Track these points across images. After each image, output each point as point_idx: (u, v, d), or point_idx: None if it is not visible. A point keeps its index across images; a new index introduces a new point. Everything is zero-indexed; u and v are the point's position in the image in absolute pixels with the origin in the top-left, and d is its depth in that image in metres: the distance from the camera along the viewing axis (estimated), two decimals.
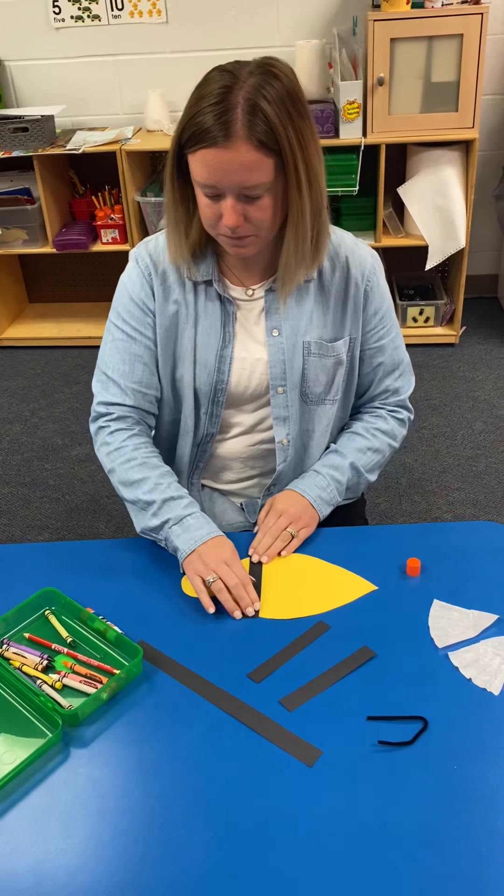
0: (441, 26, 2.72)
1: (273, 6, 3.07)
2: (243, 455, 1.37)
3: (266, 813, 0.87)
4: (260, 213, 1.10)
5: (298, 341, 1.25)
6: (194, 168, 1.08)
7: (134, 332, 1.26)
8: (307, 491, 1.28)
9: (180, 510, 1.19)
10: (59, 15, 3.14)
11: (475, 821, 0.85)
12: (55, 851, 0.85)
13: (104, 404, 1.28)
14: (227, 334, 1.25)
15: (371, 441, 1.34)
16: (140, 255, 1.27)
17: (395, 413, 1.38)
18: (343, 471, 1.31)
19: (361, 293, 1.26)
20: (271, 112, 1.03)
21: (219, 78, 1.04)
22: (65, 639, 1.10)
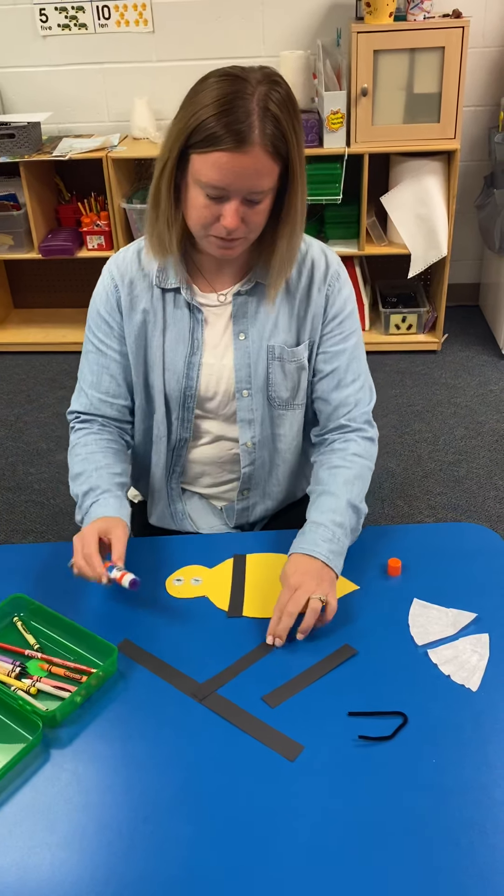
0: (423, 39, 2.76)
1: (258, 17, 3.11)
2: (219, 459, 1.38)
3: (248, 807, 0.89)
4: (257, 216, 1.13)
5: (263, 345, 1.27)
6: (201, 169, 1.08)
7: (101, 345, 1.30)
8: (315, 549, 1.15)
9: (90, 500, 1.22)
10: (46, 23, 3.16)
11: (453, 812, 0.87)
12: (40, 846, 0.86)
13: (73, 412, 1.36)
14: (195, 341, 1.27)
15: (352, 469, 1.27)
16: (109, 268, 1.29)
17: (362, 433, 1.31)
18: (342, 513, 1.21)
19: (323, 297, 1.27)
20: (282, 119, 1.07)
21: (228, 83, 1.06)
22: (31, 645, 1.10)
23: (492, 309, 3.42)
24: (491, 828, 0.86)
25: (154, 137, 3.17)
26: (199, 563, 1.24)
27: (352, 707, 0.99)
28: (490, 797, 0.88)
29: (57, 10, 3.13)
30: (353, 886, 0.81)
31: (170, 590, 1.19)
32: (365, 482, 1.28)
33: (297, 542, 1.18)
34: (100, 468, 1.26)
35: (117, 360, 1.30)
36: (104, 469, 1.27)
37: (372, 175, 3.03)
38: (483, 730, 0.96)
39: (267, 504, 1.43)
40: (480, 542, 1.27)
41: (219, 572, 1.22)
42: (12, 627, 1.14)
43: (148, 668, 1.06)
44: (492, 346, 3.34)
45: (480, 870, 0.82)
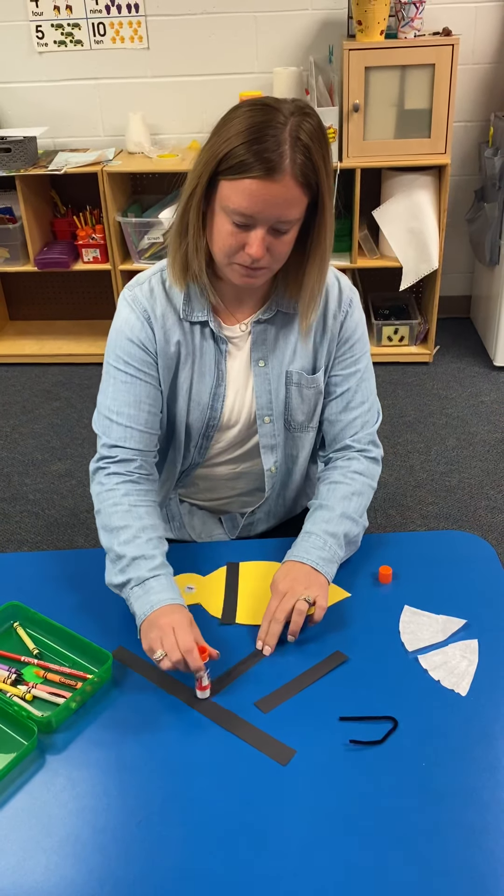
0: (414, 56, 2.81)
1: (252, 34, 3.15)
2: (228, 478, 1.39)
3: (241, 810, 0.90)
4: (282, 246, 1.13)
5: (283, 371, 1.28)
6: (232, 196, 1.07)
7: (138, 373, 1.23)
8: (305, 556, 1.17)
9: (145, 571, 1.12)
10: (42, 40, 3.20)
11: (443, 815, 0.89)
12: (35, 850, 0.87)
13: (108, 446, 1.23)
14: (220, 373, 1.26)
15: (352, 485, 1.27)
16: (135, 299, 1.23)
17: (366, 452, 1.32)
18: (335, 522, 1.21)
19: (338, 323, 1.28)
20: (313, 150, 1.07)
21: (260, 112, 1.06)
22: (31, 650, 1.12)
23: (483, 321, 3.46)
24: (480, 830, 0.87)
25: (149, 152, 3.21)
26: (192, 570, 1.26)
27: (343, 712, 1.01)
28: (479, 800, 0.90)
29: (53, 26, 3.17)
30: (346, 889, 0.82)
31: None
32: (364, 499, 1.28)
33: (289, 552, 1.21)
34: (146, 528, 1.17)
35: (156, 388, 1.24)
36: (152, 531, 1.17)
37: (364, 189, 3.06)
38: (472, 734, 0.98)
39: (270, 521, 1.46)
40: (470, 549, 1.29)
41: (212, 580, 1.24)
42: (7, 635, 1.16)
43: (142, 675, 1.08)
44: (483, 357, 3.37)
45: (470, 872, 0.83)
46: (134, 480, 1.22)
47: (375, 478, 1.32)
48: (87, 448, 2.86)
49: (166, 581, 1.12)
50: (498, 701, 1.02)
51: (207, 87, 3.23)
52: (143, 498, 1.21)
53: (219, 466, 1.37)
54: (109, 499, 1.20)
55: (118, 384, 1.23)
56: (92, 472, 1.25)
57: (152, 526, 1.18)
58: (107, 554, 1.18)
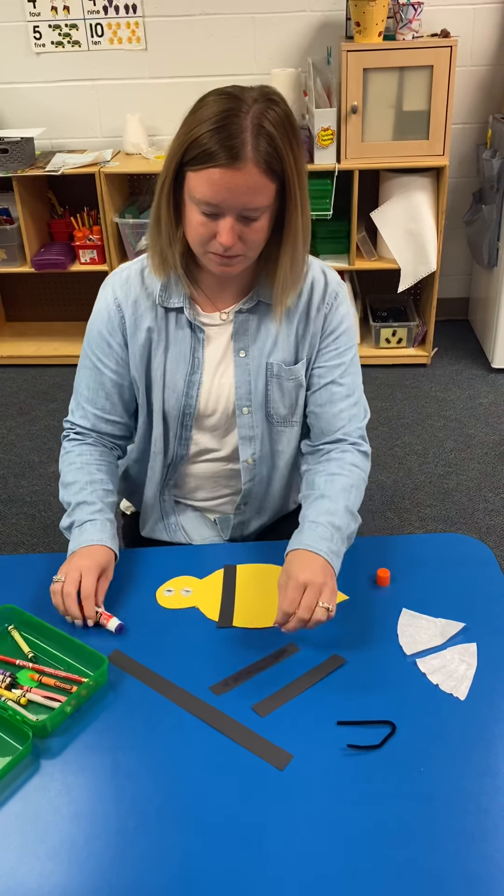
0: (412, 58, 2.81)
1: (250, 35, 3.15)
2: (216, 475, 1.39)
3: (238, 815, 0.89)
4: (254, 234, 1.13)
5: (263, 362, 1.28)
6: (196, 186, 1.09)
7: (98, 363, 1.30)
8: (316, 546, 1.15)
9: (85, 515, 1.24)
10: (39, 40, 3.19)
11: (440, 820, 0.88)
12: (29, 856, 0.86)
13: (69, 422, 1.37)
14: (195, 360, 1.27)
15: (350, 477, 1.26)
16: (111, 287, 1.28)
17: (359, 446, 1.31)
18: (339, 515, 1.21)
19: (322, 315, 1.28)
20: (276, 136, 1.07)
21: (224, 101, 1.08)
22: (26, 654, 1.11)
23: (481, 323, 3.46)
24: (478, 835, 0.86)
25: (146, 153, 3.20)
26: (189, 573, 1.25)
27: (341, 716, 1.00)
28: (477, 805, 0.89)
29: (51, 27, 3.16)
30: (343, 893, 0.81)
31: (160, 600, 1.20)
32: (360, 493, 1.28)
33: (297, 540, 1.17)
34: (93, 482, 1.28)
35: (113, 380, 1.30)
36: (98, 485, 1.28)
37: (362, 191, 3.06)
38: (471, 738, 0.97)
39: (262, 519, 1.44)
40: (469, 552, 1.28)
41: (209, 583, 1.23)
42: (2, 638, 1.15)
43: (138, 679, 1.07)
44: (481, 359, 3.37)
45: (468, 876, 0.82)
46: (89, 444, 1.34)
47: (367, 472, 1.32)
48: None
49: (100, 524, 1.23)
50: (497, 705, 1.01)
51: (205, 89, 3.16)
52: (97, 458, 1.33)
53: (206, 463, 1.37)
54: (66, 460, 1.33)
55: (84, 369, 1.33)
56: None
57: (100, 480, 1.30)
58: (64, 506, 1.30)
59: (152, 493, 1.40)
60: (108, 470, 1.33)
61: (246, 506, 1.40)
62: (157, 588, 1.22)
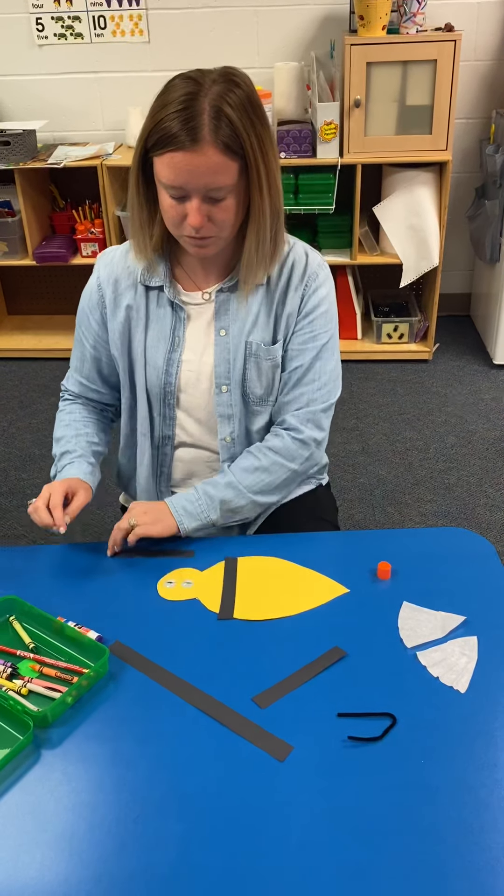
0: (416, 52, 2.80)
1: (253, 28, 3.14)
2: (207, 460, 1.40)
3: (238, 806, 0.89)
4: (223, 213, 1.16)
5: (242, 341, 1.30)
6: (161, 170, 1.13)
7: (82, 337, 1.40)
8: (173, 501, 1.28)
9: (66, 461, 1.34)
10: (42, 32, 3.18)
11: (441, 812, 0.88)
12: (30, 845, 0.87)
13: (63, 386, 1.48)
14: (176, 339, 1.30)
15: (260, 460, 1.30)
16: (97, 265, 1.35)
17: (294, 431, 1.31)
18: (218, 487, 1.29)
19: (299, 295, 1.29)
20: (235, 117, 1.09)
21: (183, 85, 1.10)
22: (27, 644, 1.11)
23: (482, 319, 3.45)
24: (477, 827, 0.86)
25: None
26: (190, 566, 1.25)
27: (341, 708, 1.00)
28: (476, 797, 0.89)
29: (53, 19, 3.15)
30: (343, 884, 0.82)
31: (161, 592, 1.20)
32: (270, 476, 1.31)
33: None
34: (79, 435, 1.39)
35: (92, 354, 1.40)
36: (83, 437, 1.39)
37: (364, 185, 3.05)
38: (471, 731, 0.97)
39: None
40: (469, 546, 1.28)
41: (210, 575, 1.23)
42: (3, 629, 1.15)
43: (139, 670, 1.07)
44: (482, 355, 3.37)
45: (467, 868, 0.83)
46: (79, 404, 1.45)
47: (298, 461, 1.33)
48: None
49: (76, 465, 1.33)
50: (497, 698, 1.01)
51: None
52: (85, 416, 1.43)
53: (192, 448, 1.39)
54: (58, 418, 1.44)
55: (75, 340, 1.42)
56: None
57: (85, 433, 1.40)
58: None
59: (145, 480, 1.41)
60: (94, 425, 1.43)
61: None
62: (158, 580, 1.22)
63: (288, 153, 2.97)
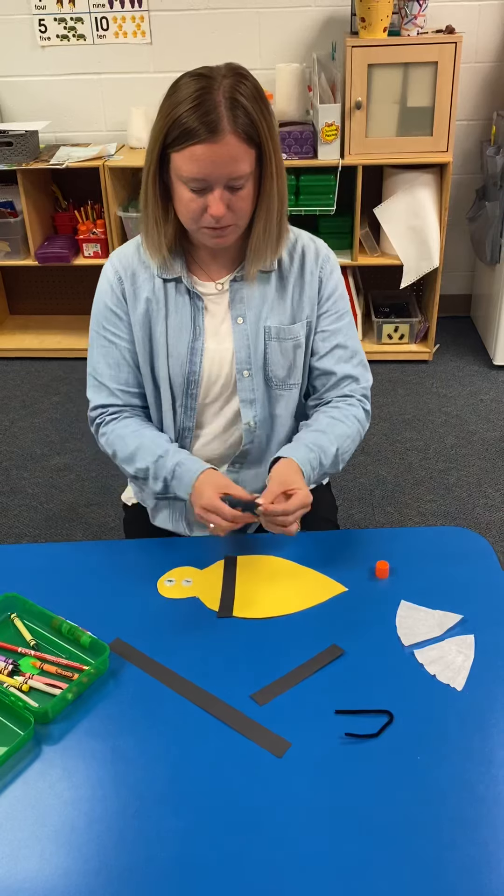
0: (417, 54, 2.81)
1: (255, 30, 3.15)
2: (223, 454, 1.41)
3: (236, 802, 0.90)
4: (241, 202, 1.19)
5: (261, 326, 1.32)
6: (182, 165, 1.15)
7: (114, 338, 1.34)
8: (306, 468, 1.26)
9: (169, 465, 1.27)
10: (45, 34, 3.19)
11: (437, 808, 0.89)
12: (30, 839, 0.88)
13: (97, 407, 1.37)
14: (196, 328, 1.32)
15: (350, 428, 1.34)
16: (111, 262, 1.35)
17: (363, 404, 1.39)
18: (329, 456, 1.30)
19: (316, 279, 1.34)
20: (249, 107, 1.14)
21: (194, 81, 1.14)
22: (28, 641, 1.12)
23: (483, 320, 3.46)
24: (473, 822, 0.87)
25: None
26: (190, 564, 1.26)
27: (339, 705, 1.01)
28: (473, 793, 0.90)
29: (56, 20, 3.16)
30: (341, 879, 0.83)
31: (161, 590, 1.21)
32: (354, 445, 1.36)
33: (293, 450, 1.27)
34: (156, 437, 1.32)
35: (130, 350, 1.34)
36: (160, 438, 1.33)
37: (365, 186, 3.06)
38: (467, 728, 0.98)
39: (256, 484, 1.44)
40: (467, 545, 1.29)
41: (210, 573, 1.24)
42: (4, 626, 1.16)
43: (139, 667, 1.08)
44: (483, 356, 3.38)
45: (464, 863, 0.84)
46: (128, 415, 1.37)
47: (365, 430, 1.40)
48: (87, 443, 2.86)
49: (188, 461, 1.27)
50: (493, 696, 1.02)
51: None
52: (143, 423, 1.36)
53: (214, 441, 1.39)
54: (115, 436, 1.34)
55: (99, 349, 1.35)
56: (94, 433, 1.39)
57: (158, 435, 1.33)
58: (139, 479, 1.35)
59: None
60: (155, 429, 1.36)
61: (241, 466, 1.42)
62: (158, 578, 1.23)
63: (289, 154, 2.98)
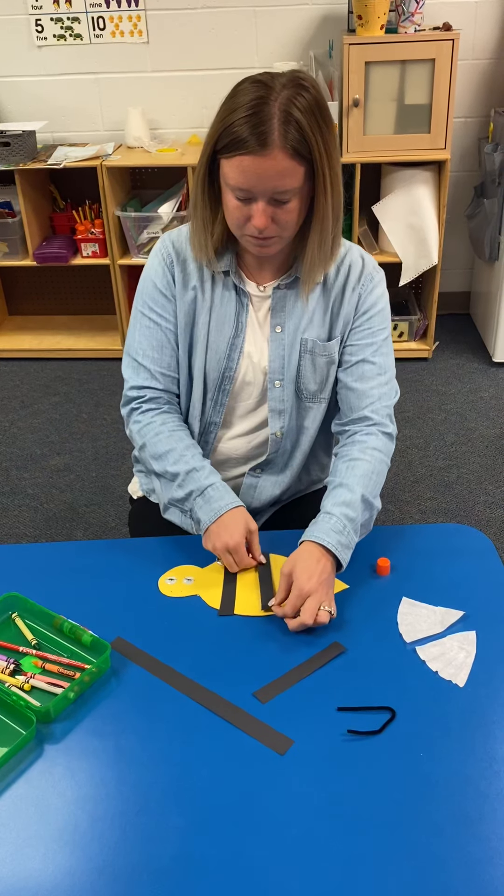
0: (414, 51, 2.81)
1: (252, 29, 3.15)
2: (245, 454, 1.41)
3: (239, 800, 0.90)
4: (287, 215, 1.18)
5: (297, 338, 1.32)
6: (229, 172, 1.14)
7: (160, 319, 1.32)
8: (326, 539, 1.17)
9: (202, 481, 1.26)
10: (41, 34, 3.19)
11: (440, 804, 0.89)
12: (33, 838, 0.88)
13: (136, 388, 1.35)
14: (239, 324, 1.32)
15: (370, 463, 1.28)
16: (163, 244, 1.33)
17: (383, 427, 1.34)
18: (355, 507, 1.22)
19: (356, 295, 1.33)
20: (304, 122, 1.11)
21: (253, 89, 1.12)
22: (30, 641, 1.12)
23: (482, 317, 3.46)
24: (476, 819, 0.87)
25: (148, 146, 3.20)
26: (191, 562, 1.26)
27: (341, 702, 1.01)
28: (475, 789, 0.90)
29: (53, 20, 3.16)
30: (343, 877, 0.82)
31: (162, 589, 1.21)
32: (380, 477, 1.30)
33: (310, 530, 1.20)
34: (190, 447, 1.31)
35: (175, 333, 1.33)
36: (194, 448, 1.31)
37: (364, 184, 3.06)
38: (469, 724, 0.98)
39: (274, 491, 1.44)
40: (468, 542, 1.29)
41: (211, 572, 1.24)
42: (6, 625, 1.16)
43: (140, 666, 1.08)
44: (482, 353, 3.38)
45: (466, 860, 0.83)
46: (166, 411, 1.34)
47: (390, 455, 1.34)
48: (86, 443, 2.86)
49: (221, 487, 1.26)
50: (495, 692, 1.02)
51: (207, 82, 3.22)
52: (179, 425, 1.34)
53: (237, 439, 1.40)
54: (150, 430, 1.32)
55: (143, 329, 1.33)
56: (126, 415, 1.37)
57: (193, 444, 1.32)
58: (160, 478, 1.32)
59: None
60: (190, 435, 1.35)
61: (262, 471, 1.42)
62: (159, 577, 1.23)
63: None
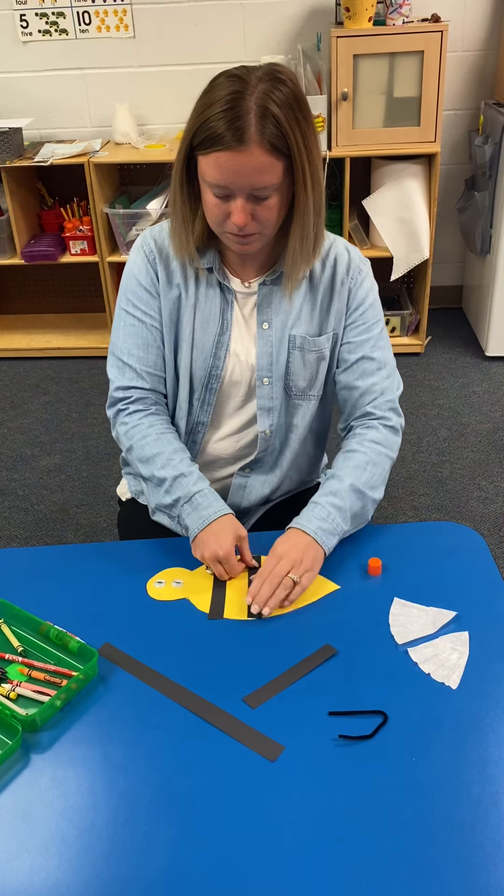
0: (402, 43, 2.79)
1: (239, 22, 3.12)
2: (234, 454, 1.40)
3: (229, 807, 0.89)
4: (267, 212, 1.15)
5: (285, 335, 1.30)
6: (206, 169, 1.12)
7: (145, 317, 1.30)
8: (306, 525, 1.20)
9: (190, 487, 1.24)
10: (26, 29, 3.16)
11: (432, 810, 0.88)
12: (19, 850, 0.86)
13: (122, 388, 1.32)
14: (225, 321, 1.29)
15: (366, 455, 1.27)
16: (145, 241, 1.30)
17: (385, 420, 1.32)
18: (342, 496, 1.22)
19: (346, 290, 1.31)
20: (281, 116, 1.08)
21: (229, 84, 1.09)
22: (15, 648, 1.10)
23: (474, 311, 3.45)
24: (469, 824, 0.86)
25: (136, 142, 3.18)
26: (180, 565, 1.24)
27: (332, 707, 0.99)
28: (468, 794, 0.89)
29: (37, 15, 3.13)
30: (336, 883, 0.81)
31: (151, 592, 1.19)
32: (379, 468, 1.28)
33: (294, 519, 1.22)
34: (178, 451, 1.28)
35: (160, 332, 1.31)
36: (182, 453, 1.29)
37: (353, 178, 3.04)
38: (462, 727, 0.96)
39: (263, 490, 1.43)
40: (460, 540, 1.27)
41: (200, 575, 1.22)
42: None
43: (128, 672, 1.06)
44: (475, 347, 3.36)
45: (460, 865, 0.82)
46: (153, 413, 1.32)
47: (395, 447, 1.33)
48: (77, 443, 2.84)
49: (210, 494, 1.24)
50: (489, 694, 1.01)
51: (194, 77, 3.19)
52: (167, 427, 1.32)
53: (225, 440, 1.38)
54: (138, 433, 1.30)
55: (128, 327, 1.30)
56: (112, 417, 1.34)
57: (182, 448, 1.29)
58: (148, 482, 1.29)
59: None
60: (179, 439, 1.33)
61: (251, 471, 1.40)
62: (147, 580, 1.21)
63: None
